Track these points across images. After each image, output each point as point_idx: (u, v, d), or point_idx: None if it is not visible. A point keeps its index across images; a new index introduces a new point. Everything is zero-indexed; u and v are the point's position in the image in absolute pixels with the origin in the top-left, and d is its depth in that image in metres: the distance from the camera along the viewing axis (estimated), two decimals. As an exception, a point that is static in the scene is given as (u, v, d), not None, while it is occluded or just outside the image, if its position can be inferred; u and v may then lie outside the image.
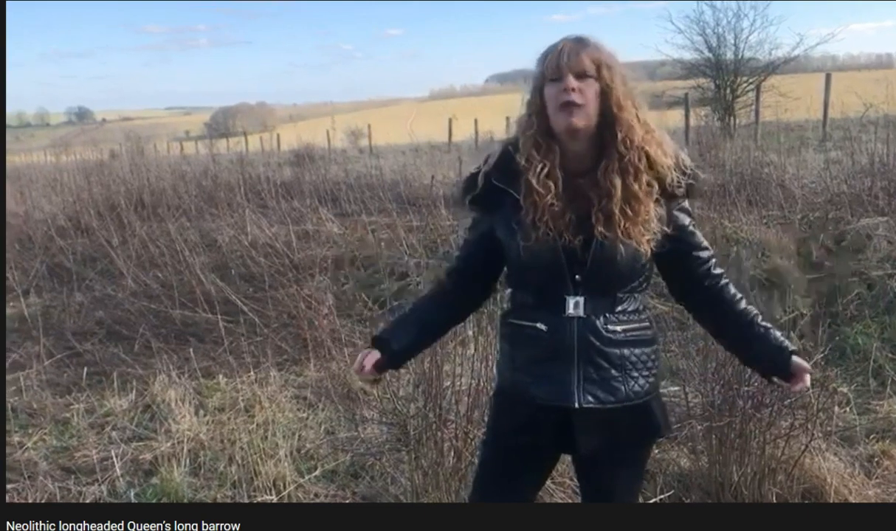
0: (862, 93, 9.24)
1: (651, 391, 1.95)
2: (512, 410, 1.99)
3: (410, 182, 10.00)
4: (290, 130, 26.62)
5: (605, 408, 1.88)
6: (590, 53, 1.81)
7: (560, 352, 1.87)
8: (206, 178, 10.68)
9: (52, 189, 11.32)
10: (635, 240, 1.81)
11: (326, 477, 3.62)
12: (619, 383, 1.88)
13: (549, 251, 1.83)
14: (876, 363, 4.57)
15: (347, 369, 4.70)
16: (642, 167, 1.82)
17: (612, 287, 1.87)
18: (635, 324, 1.91)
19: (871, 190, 6.74)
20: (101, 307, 6.53)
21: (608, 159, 1.83)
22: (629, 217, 1.81)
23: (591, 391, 1.87)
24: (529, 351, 1.92)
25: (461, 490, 3.01)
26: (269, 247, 6.92)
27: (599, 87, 1.81)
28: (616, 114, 1.81)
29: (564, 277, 1.85)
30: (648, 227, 1.83)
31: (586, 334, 1.86)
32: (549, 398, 1.89)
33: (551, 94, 1.82)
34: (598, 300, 1.86)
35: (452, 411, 3.09)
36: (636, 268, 1.87)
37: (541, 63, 1.86)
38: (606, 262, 1.83)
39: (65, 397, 4.82)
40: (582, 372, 1.87)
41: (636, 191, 1.81)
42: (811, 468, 3.16)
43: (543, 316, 1.89)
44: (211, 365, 5.12)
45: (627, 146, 1.81)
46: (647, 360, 1.93)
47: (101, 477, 3.65)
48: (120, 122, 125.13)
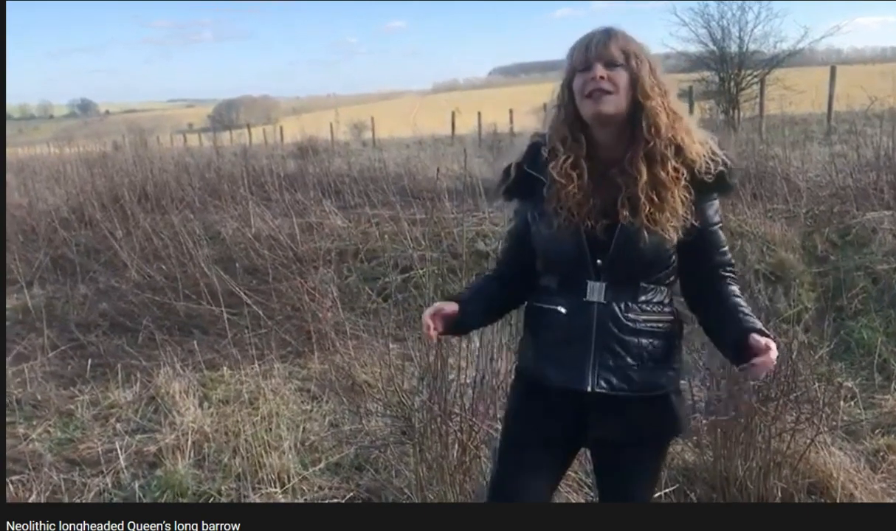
0: (867, 86, 9.19)
1: (669, 385, 1.94)
2: (529, 394, 2.02)
3: (414, 175, 9.98)
4: (293, 123, 26.59)
5: (617, 395, 1.88)
6: (618, 43, 1.83)
7: (578, 337, 1.89)
8: (210, 171, 10.65)
9: (55, 181, 11.31)
10: (660, 227, 1.82)
11: (330, 469, 3.62)
12: (634, 372, 1.88)
13: (572, 236, 1.87)
14: (881, 357, 4.55)
15: (351, 361, 4.71)
16: (669, 154, 1.83)
17: (635, 275, 1.88)
18: (657, 317, 1.90)
19: (876, 184, 6.72)
20: (104, 299, 6.53)
21: (635, 146, 1.84)
22: (655, 203, 1.81)
23: (605, 377, 1.88)
24: (549, 334, 1.95)
25: (465, 483, 3.01)
26: (272, 239, 6.90)
27: (629, 76, 1.83)
28: (643, 102, 1.82)
29: (586, 262, 1.87)
30: (675, 215, 1.83)
31: (605, 320, 1.87)
32: (564, 381, 1.92)
33: (579, 84, 1.84)
34: (621, 287, 1.88)
35: (457, 404, 3.09)
36: (661, 257, 1.87)
37: (570, 56, 1.88)
38: (629, 247, 1.84)
39: (69, 389, 4.83)
40: (598, 357, 1.88)
41: (662, 177, 1.82)
42: (816, 462, 3.15)
43: (564, 300, 1.92)
44: (215, 357, 5.12)
45: (653, 134, 1.82)
46: (667, 354, 1.92)
47: (105, 469, 3.65)
48: (123, 115, 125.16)
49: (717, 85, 18.30)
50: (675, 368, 1.96)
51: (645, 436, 1.97)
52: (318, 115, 41.54)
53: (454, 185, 8.92)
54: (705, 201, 1.89)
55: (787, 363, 3.10)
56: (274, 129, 25.33)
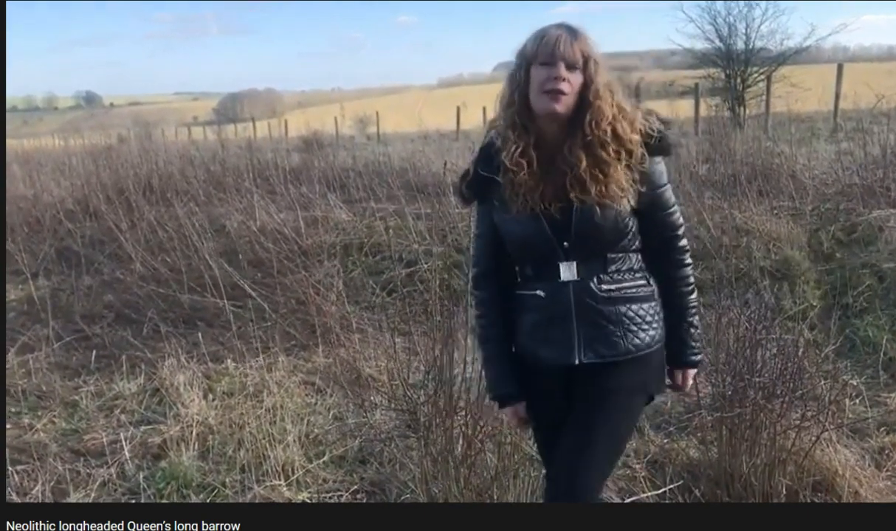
0: (874, 84, 9.16)
1: (652, 344, 2.07)
2: (528, 375, 2.16)
3: (419, 169, 9.97)
4: (298, 117, 26.60)
5: (605, 361, 2.02)
6: (581, 46, 1.95)
7: (560, 316, 2.03)
8: (215, 163, 10.66)
9: (60, 173, 11.32)
10: (609, 199, 1.95)
11: (335, 462, 3.62)
12: (618, 338, 2.02)
13: (534, 223, 2.00)
14: (886, 355, 4.54)
15: (356, 355, 4.71)
16: (608, 139, 1.95)
17: (600, 248, 2.01)
18: (630, 283, 2.05)
19: (883, 181, 6.69)
20: (109, 291, 6.54)
21: (574, 137, 1.96)
22: (600, 180, 1.94)
23: (592, 347, 2.02)
24: (533, 317, 2.09)
25: (470, 478, 3.01)
26: (277, 232, 6.90)
27: (583, 79, 1.95)
28: (592, 102, 1.95)
29: (553, 246, 2.01)
30: (620, 187, 1.95)
31: (582, 296, 2.01)
32: (554, 358, 2.06)
33: (539, 77, 1.94)
34: (590, 262, 2.02)
35: (462, 399, 3.09)
36: (619, 228, 2.00)
37: (534, 44, 1.97)
38: (588, 225, 1.97)
39: (73, 380, 4.85)
40: (582, 332, 2.02)
41: (603, 156, 1.94)
42: (822, 460, 3.14)
43: (542, 284, 2.06)
44: (219, 349, 5.13)
45: (594, 127, 1.94)
46: (644, 315, 2.06)
47: (110, 460, 3.66)
48: (128, 108, 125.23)
49: (723, 82, 18.23)
50: (655, 327, 2.08)
51: (624, 389, 2.07)
52: (323, 109, 41.52)
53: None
54: (651, 166, 2.01)
55: (793, 361, 3.10)
56: (279, 122, 25.35)
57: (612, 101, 1.97)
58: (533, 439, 2.36)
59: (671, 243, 2.12)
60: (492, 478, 2.99)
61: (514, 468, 3.00)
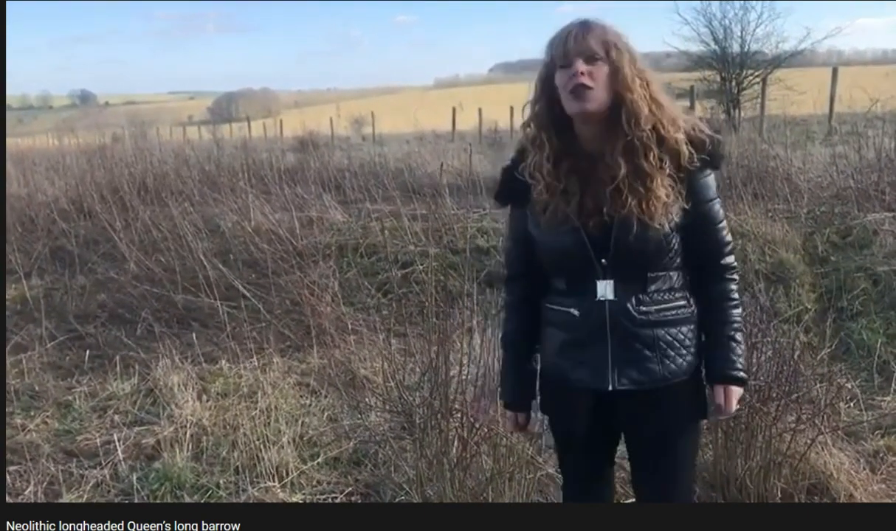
0: (870, 88, 9.18)
1: (690, 370, 1.94)
2: (556, 395, 2.05)
3: (415, 170, 9.96)
4: (293, 117, 26.57)
5: (640, 389, 1.90)
6: (596, 35, 1.82)
7: (593, 337, 1.90)
8: (210, 163, 10.63)
9: (54, 172, 11.27)
10: (648, 215, 1.81)
11: (329, 464, 3.61)
12: (654, 364, 1.90)
13: (571, 236, 1.87)
14: (881, 359, 4.55)
15: (351, 356, 4.70)
16: (651, 144, 1.82)
17: (640, 267, 1.88)
18: (669, 304, 1.91)
19: (877, 185, 6.71)
20: (103, 290, 6.51)
21: (614, 140, 1.83)
22: (640, 194, 1.81)
23: (626, 373, 1.90)
24: (565, 335, 1.96)
25: (466, 480, 3.00)
26: (272, 233, 6.88)
27: (609, 69, 1.81)
28: (623, 95, 1.81)
29: (591, 262, 1.87)
30: (660, 202, 1.82)
31: (618, 317, 1.88)
32: (586, 382, 1.94)
33: (562, 81, 1.83)
34: (629, 282, 1.88)
35: (458, 401, 3.08)
36: (661, 246, 1.86)
37: (548, 50, 1.88)
38: (628, 242, 1.83)
39: (67, 380, 4.83)
40: (616, 355, 1.89)
41: (645, 167, 1.81)
42: (817, 463, 3.15)
43: (576, 301, 1.93)
44: (213, 350, 5.11)
45: (632, 126, 1.81)
46: (683, 339, 1.93)
47: (103, 460, 3.65)
48: (123, 106, 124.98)
49: (718, 84, 18.29)
50: (693, 352, 1.95)
51: (673, 425, 1.97)
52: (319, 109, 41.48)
53: (455, 181, 8.91)
54: (697, 179, 1.88)
55: (788, 364, 3.10)
56: (274, 122, 25.31)
57: (648, 94, 1.84)
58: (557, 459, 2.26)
59: (718, 261, 1.96)
60: (487, 480, 2.98)
61: (510, 471, 2.99)
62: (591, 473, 2.14)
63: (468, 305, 3.75)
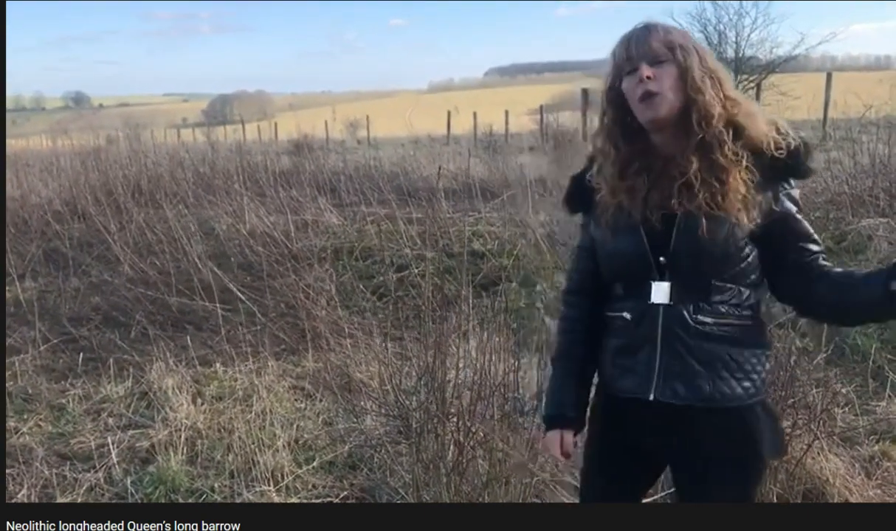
0: (863, 93, 9.22)
1: (747, 398, 1.75)
2: (605, 402, 1.91)
3: (410, 174, 9.97)
4: (288, 119, 26.55)
5: (683, 405, 1.74)
6: (659, 37, 1.73)
7: (644, 342, 1.77)
8: (205, 166, 10.62)
9: (48, 173, 11.25)
10: (724, 210, 1.67)
11: (324, 468, 3.59)
12: (703, 381, 1.73)
13: (630, 234, 1.77)
14: (875, 364, 4.56)
15: (346, 360, 4.69)
16: (726, 139, 1.70)
17: (704, 271, 1.72)
18: (733, 320, 1.73)
19: (871, 190, 6.74)
20: (97, 293, 6.49)
21: (686, 140, 1.73)
22: (714, 187, 1.68)
23: (672, 385, 1.74)
24: (617, 342, 1.84)
25: (462, 485, 2.99)
26: (267, 236, 6.88)
27: (677, 70, 1.71)
28: (693, 96, 1.70)
29: (648, 260, 1.74)
30: (738, 197, 1.67)
31: (671, 323, 1.73)
32: (630, 390, 1.80)
33: (629, 88, 1.74)
34: (689, 286, 1.73)
35: (455, 405, 3.07)
36: (730, 250, 1.70)
37: (612, 58, 1.79)
38: (691, 240, 1.69)
39: (60, 383, 4.80)
40: (664, 364, 1.74)
41: (720, 161, 1.69)
42: (812, 468, 3.15)
43: (630, 304, 1.80)
44: (208, 353, 5.10)
45: (703, 126, 1.70)
46: (744, 362, 1.74)
47: (97, 464, 3.62)
48: (117, 108, 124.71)
49: (712, 89, 18.32)
50: (754, 378, 1.76)
51: (721, 454, 1.78)
52: (314, 111, 41.46)
53: (450, 184, 8.92)
54: (780, 186, 1.73)
55: (784, 369, 3.10)
56: (269, 124, 25.30)
57: (720, 92, 1.72)
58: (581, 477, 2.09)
59: (814, 261, 1.74)
60: (483, 485, 2.98)
61: (506, 475, 2.99)
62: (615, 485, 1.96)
63: (464, 309, 3.74)
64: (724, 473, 1.79)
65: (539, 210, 7.08)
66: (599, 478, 1.98)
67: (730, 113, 1.72)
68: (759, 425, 1.78)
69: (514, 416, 3.15)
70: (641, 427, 1.83)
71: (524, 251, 6.33)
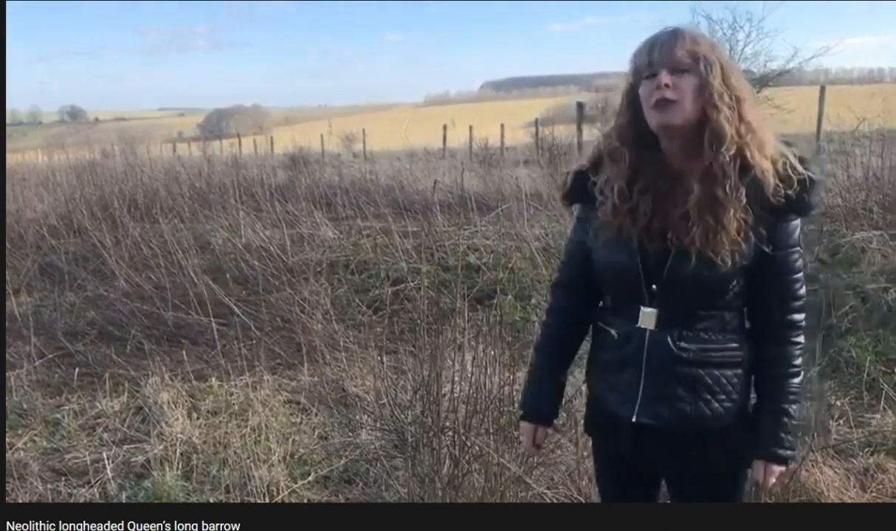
0: (856, 106, 9.27)
1: (729, 417, 1.79)
2: (595, 416, 1.99)
3: (405, 187, 9.99)
4: (284, 133, 26.59)
5: (665, 428, 1.79)
6: (685, 45, 1.69)
7: (628, 363, 1.82)
8: (200, 180, 10.63)
9: (44, 188, 11.24)
10: (712, 249, 1.68)
11: (319, 482, 3.59)
12: (685, 404, 1.77)
13: (626, 256, 1.78)
14: (870, 376, 4.56)
15: (342, 374, 4.69)
16: (730, 171, 1.68)
17: (690, 303, 1.75)
18: (717, 345, 1.77)
19: (865, 203, 6.77)
20: (92, 307, 6.48)
21: (694, 162, 1.72)
22: (708, 225, 1.68)
23: (654, 408, 1.79)
24: (605, 356, 1.89)
25: (457, 498, 2.99)
26: (262, 249, 6.88)
27: (697, 81, 1.68)
28: (708, 112, 1.68)
29: (640, 286, 1.77)
30: (730, 237, 1.68)
31: (655, 349, 1.77)
32: (615, 407, 1.86)
33: (645, 93, 1.71)
34: (675, 315, 1.76)
35: (450, 419, 3.07)
36: (718, 286, 1.73)
37: (633, 60, 1.76)
38: (682, 275, 1.72)
39: (55, 398, 4.79)
40: (648, 387, 1.79)
41: (719, 196, 1.68)
42: (807, 481, 3.16)
43: (618, 322, 1.85)
44: (204, 367, 5.09)
45: (714, 149, 1.68)
46: (725, 384, 1.78)
47: (92, 479, 3.62)
48: (113, 122, 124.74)
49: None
50: (735, 398, 1.80)
51: (707, 472, 1.86)
52: (310, 125, 41.55)
53: (446, 198, 8.93)
54: (780, 221, 1.72)
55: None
56: (265, 139, 25.33)
57: (736, 114, 1.68)
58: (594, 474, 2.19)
59: (783, 316, 1.78)
60: (479, 499, 2.98)
61: (501, 489, 2.99)
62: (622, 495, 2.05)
63: (459, 323, 3.75)
64: (711, 490, 1.88)
65: (534, 223, 7.10)
66: (610, 494, 2.07)
67: (742, 139, 1.69)
68: (733, 444, 1.83)
69: (509, 430, 3.15)
70: (631, 444, 1.87)
71: (519, 264, 6.34)
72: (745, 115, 1.71)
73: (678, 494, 1.96)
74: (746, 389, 1.83)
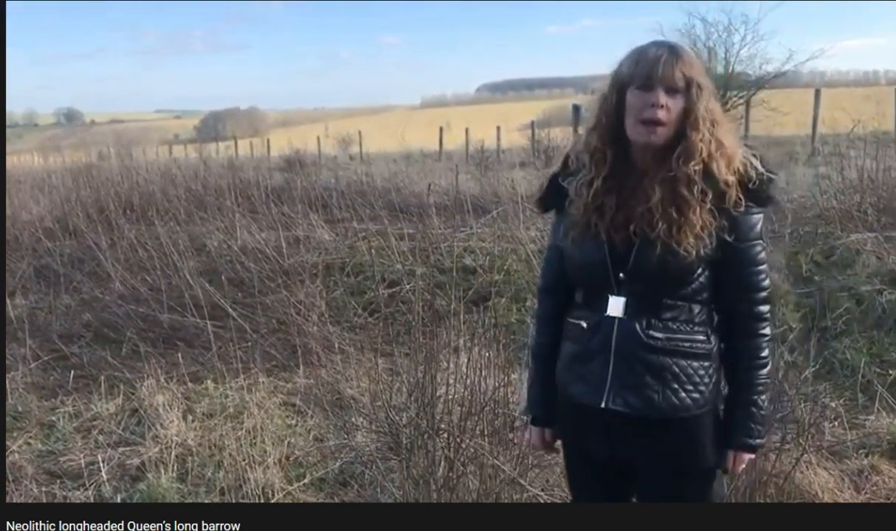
0: (851, 109, 9.31)
1: (695, 409, 1.83)
2: (563, 411, 2.02)
3: (402, 190, 9.99)
4: (280, 136, 26.60)
5: (633, 414, 1.82)
6: (683, 68, 1.75)
7: (597, 352, 1.86)
8: (196, 182, 10.63)
9: (39, 190, 11.23)
10: (676, 242, 1.75)
11: (315, 485, 3.59)
12: (653, 393, 1.81)
13: (594, 248, 1.84)
14: (864, 378, 4.58)
15: (337, 376, 4.69)
16: (696, 178, 1.75)
17: (656, 291, 1.81)
18: (684, 335, 1.82)
19: (860, 205, 6.78)
20: (88, 310, 6.47)
21: (658, 169, 1.79)
22: (673, 220, 1.75)
23: (623, 395, 1.83)
24: (572, 348, 1.93)
25: (452, 501, 2.99)
26: (258, 252, 6.88)
27: (684, 105, 1.76)
28: (688, 133, 1.76)
29: (608, 275, 1.83)
30: (692, 233, 1.75)
31: (624, 337, 1.82)
32: (582, 396, 1.89)
33: (636, 104, 1.76)
34: (642, 303, 1.82)
35: (445, 421, 3.08)
36: (682, 275, 1.79)
37: (630, 66, 1.79)
38: (647, 263, 1.78)
39: (51, 400, 4.78)
40: (616, 374, 1.83)
41: (684, 195, 1.76)
42: (801, 482, 3.17)
43: (587, 314, 1.89)
44: (199, 370, 5.09)
45: (680, 164, 1.76)
46: (692, 374, 1.83)
47: (87, 482, 3.61)
48: (109, 125, 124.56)
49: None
50: (703, 390, 1.84)
51: (665, 465, 1.89)
52: (306, 128, 41.55)
53: (442, 200, 8.94)
54: (742, 214, 1.79)
55: (773, 383, 3.11)
56: (261, 141, 25.33)
57: (711, 136, 1.76)
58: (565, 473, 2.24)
59: (749, 307, 1.85)
60: (473, 501, 2.98)
61: (496, 491, 2.99)
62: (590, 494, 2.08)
63: (455, 325, 3.75)
64: (665, 484, 1.92)
65: (530, 225, 7.11)
66: (583, 494, 2.10)
67: (711, 155, 1.76)
68: (702, 437, 1.88)
69: (504, 432, 3.16)
70: (597, 436, 1.92)
71: (515, 266, 6.35)
72: (720, 136, 1.78)
73: (649, 491, 1.98)
74: (716, 382, 1.88)
